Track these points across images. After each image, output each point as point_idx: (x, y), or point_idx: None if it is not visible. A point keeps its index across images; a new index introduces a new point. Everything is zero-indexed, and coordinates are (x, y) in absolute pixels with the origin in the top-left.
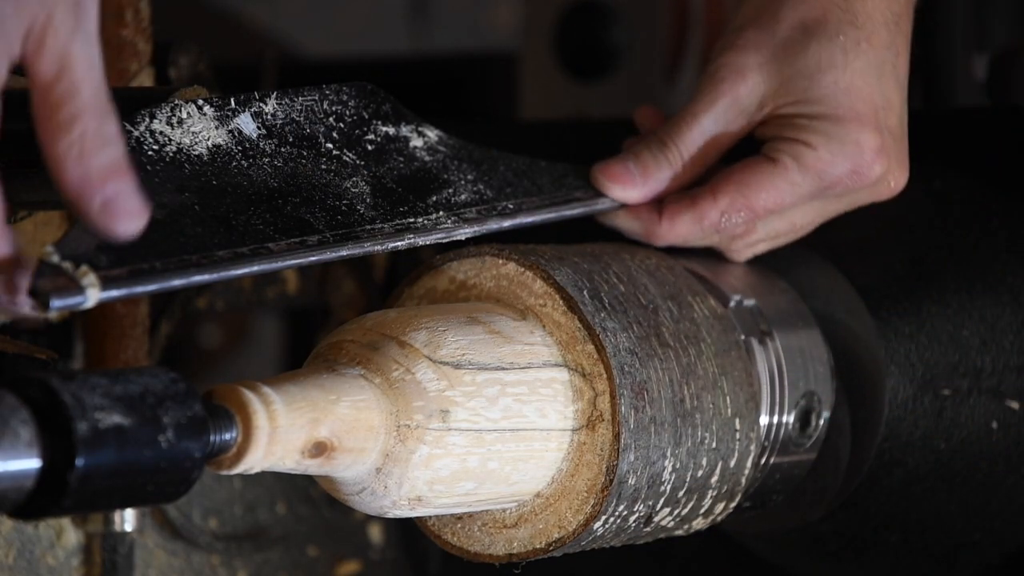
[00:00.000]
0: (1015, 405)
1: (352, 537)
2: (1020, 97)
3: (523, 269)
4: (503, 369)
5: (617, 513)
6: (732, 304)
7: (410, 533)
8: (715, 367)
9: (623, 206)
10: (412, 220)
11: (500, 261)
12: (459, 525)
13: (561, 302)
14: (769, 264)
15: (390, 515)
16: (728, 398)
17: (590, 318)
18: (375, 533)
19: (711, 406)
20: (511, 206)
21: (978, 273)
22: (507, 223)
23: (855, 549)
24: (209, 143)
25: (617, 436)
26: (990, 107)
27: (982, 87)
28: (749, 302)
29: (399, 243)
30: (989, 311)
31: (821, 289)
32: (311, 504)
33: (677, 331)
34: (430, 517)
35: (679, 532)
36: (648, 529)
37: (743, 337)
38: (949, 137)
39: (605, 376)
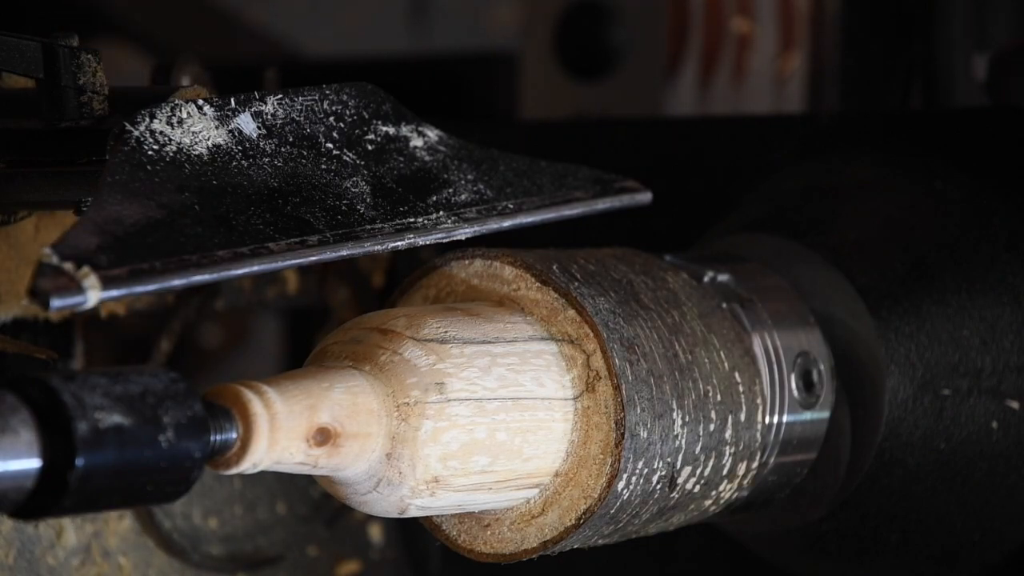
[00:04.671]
0: (1015, 405)
1: (352, 537)
2: (1020, 97)
3: (489, 261)
4: (489, 342)
5: (638, 471)
6: (706, 279)
7: (410, 533)
8: (702, 326)
9: (622, 206)
10: (412, 220)
11: (466, 262)
12: (489, 532)
13: (533, 279)
14: (769, 264)
15: (412, 508)
16: (722, 353)
17: (564, 286)
18: (375, 533)
19: (706, 361)
20: (511, 206)
21: (978, 273)
22: (507, 223)
23: (855, 549)
24: (209, 143)
25: (618, 388)
26: (990, 107)
27: (982, 87)
28: (723, 277)
29: (399, 243)
30: (989, 311)
31: (821, 289)
32: (311, 504)
33: (656, 297)
34: (457, 530)
35: (709, 504)
36: (675, 495)
37: (724, 304)
38: (949, 137)
39: (592, 335)
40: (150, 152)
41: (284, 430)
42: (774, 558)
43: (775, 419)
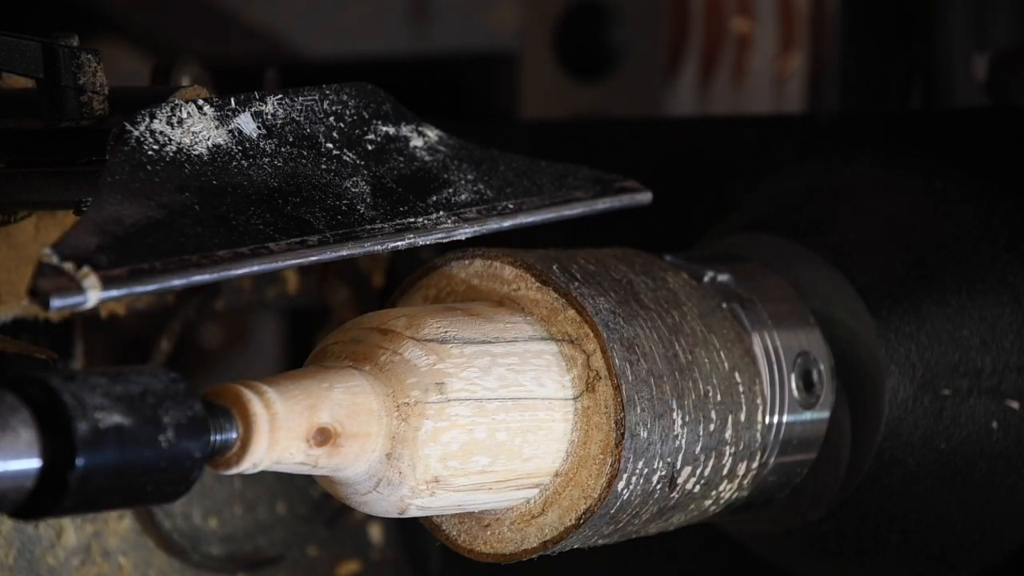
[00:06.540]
0: (1015, 405)
1: (352, 537)
2: (1020, 97)
3: (489, 261)
4: (489, 343)
5: (638, 471)
6: (706, 279)
7: (410, 533)
8: (702, 326)
9: (622, 206)
10: (412, 220)
11: (466, 262)
12: (489, 532)
13: (533, 279)
14: (769, 264)
15: (412, 508)
16: (722, 353)
17: (564, 286)
18: (375, 533)
19: (706, 361)
20: (511, 206)
21: (978, 273)
22: (507, 223)
23: (855, 549)
24: (209, 143)
25: (618, 388)
26: (990, 107)
27: (982, 87)
28: (723, 277)
29: (399, 243)
30: (989, 311)
31: (821, 289)
32: (311, 504)
33: (656, 297)
34: (457, 530)
35: (709, 504)
36: (675, 495)
37: (724, 304)
38: (949, 137)
39: (592, 335)
40: (150, 152)
41: (284, 430)
42: (774, 558)
43: (775, 419)
